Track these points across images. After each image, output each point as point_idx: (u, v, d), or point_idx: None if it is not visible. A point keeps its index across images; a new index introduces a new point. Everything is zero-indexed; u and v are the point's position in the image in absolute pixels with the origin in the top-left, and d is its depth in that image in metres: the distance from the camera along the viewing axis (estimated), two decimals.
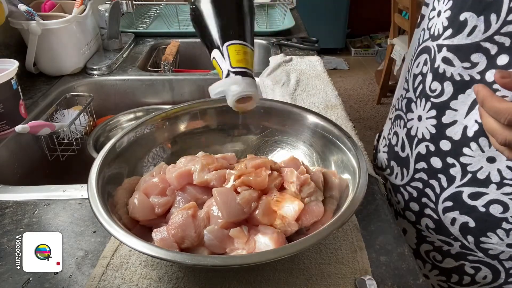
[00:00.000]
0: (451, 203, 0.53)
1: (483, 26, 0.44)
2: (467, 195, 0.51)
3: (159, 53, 1.18)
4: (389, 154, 0.64)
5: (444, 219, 0.55)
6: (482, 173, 0.49)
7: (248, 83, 0.45)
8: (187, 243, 0.42)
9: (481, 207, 0.51)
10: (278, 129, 0.59)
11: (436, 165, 0.53)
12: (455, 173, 0.51)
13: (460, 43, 0.47)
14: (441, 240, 0.57)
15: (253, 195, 0.45)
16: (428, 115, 0.53)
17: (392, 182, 0.63)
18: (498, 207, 0.49)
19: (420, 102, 0.54)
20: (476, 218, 0.52)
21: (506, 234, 0.50)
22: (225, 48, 0.45)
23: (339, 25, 3.42)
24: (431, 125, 0.52)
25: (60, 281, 0.44)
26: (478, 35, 0.45)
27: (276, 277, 0.45)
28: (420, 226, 0.59)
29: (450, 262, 0.57)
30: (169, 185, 0.48)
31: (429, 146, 0.54)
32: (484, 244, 0.52)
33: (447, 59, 0.48)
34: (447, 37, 0.48)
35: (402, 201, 0.61)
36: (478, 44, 0.45)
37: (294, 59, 1.01)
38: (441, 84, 0.50)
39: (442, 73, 0.49)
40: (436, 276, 0.61)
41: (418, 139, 0.55)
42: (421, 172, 0.56)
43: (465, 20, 0.46)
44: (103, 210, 0.40)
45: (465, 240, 0.54)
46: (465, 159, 0.50)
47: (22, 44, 0.90)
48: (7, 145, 0.71)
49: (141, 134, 0.55)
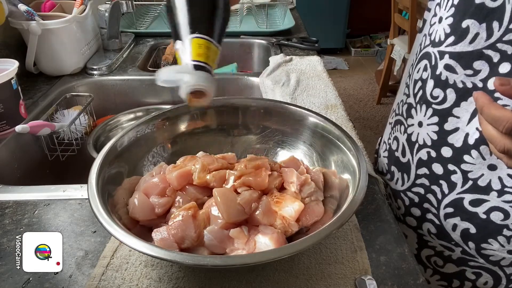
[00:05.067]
0: (452, 210, 0.53)
1: (485, 33, 0.44)
2: (468, 202, 0.51)
3: (159, 53, 1.18)
4: (389, 159, 0.64)
5: (445, 225, 0.55)
6: (483, 181, 0.49)
7: (205, 77, 0.43)
8: (187, 243, 0.42)
9: (482, 214, 0.50)
10: (278, 129, 0.59)
11: (438, 171, 0.53)
12: (456, 179, 0.51)
13: (462, 50, 0.46)
14: (443, 245, 0.57)
15: (254, 196, 0.45)
16: (429, 122, 0.52)
17: (393, 188, 0.63)
18: (499, 214, 0.49)
19: (420, 108, 0.54)
20: (477, 225, 0.51)
21: (507, 240, 0.50)
22: (189, 40, 0.44)
23: (339, 25, 3.42)
24: (433, 131, 0.52)
25: (60, 281, 0.44)
26: (481, 42, 0.44)
27: (276, 277, 0.45)
28: (421, 231, 0.59)
29: (451, 268, 0.57)
30: (169, 185, 0.48)
31: (431, 152, 0.53)
32: (485, 251, 0.52)
33: (450, 66, 0.48)
34: (449, 44, 0.48)
35: (403, 206, 0.61)
36: (480, 52, 0.45)
37: (294, 59, 1.01)
38: (444, 91, 0.49)
39: (445, 80, 0.49)
40: (437, 282, 0.61)
41: (419, 145, 0.55)
42: (422, 178, 0.56)
43: (467, 27, 0.45)
44: (103, 210, 0.40)
45: (466, 246, 0.54)
46: (466, 166, 0.50)
47: (22, 44, 0.90)
48: (7, 145, 0.71)
49: (141, 134, 0.55)
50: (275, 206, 0.45)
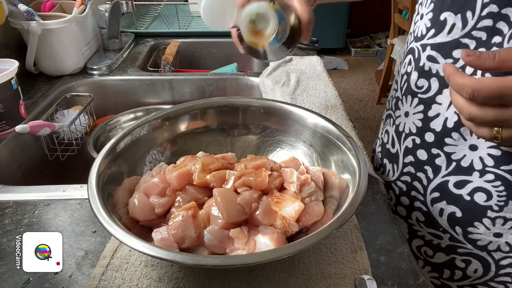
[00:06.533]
0: (438, 194, 0.55)
1: (461, 23, 0.47)
2: (452, 184, 0.53)
3: (159, 53, 1.18)
4: (382, 153, 0.66)
5: (433, 211, 0.56)
6: (465, 161, 0.51)
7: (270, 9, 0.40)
8: (187, 243, 0.42)
9: (466, 195, 0.52)
10: (278, 129, 0.59)
11: (422, 157, 0.55)
12: (440, 162, 0.53)
13: (442, 41, 0.50)
14: (431, 233, 0.58)
15: (254, 196, 0.45)
16: (415, 111, 0.55)
17: (385, 179, 0.64)
18: (482, 195, 0.51)
19: (406, 99, 0.57)
20: (462, 208, 0.53)
21: (492, 222, 0.51)
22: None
23: (339, 25, 3.42)
24: (418, 119, 0.55)
25: (60, 281, 0.44)
26: (457, 32, 0.47)
27: (276, 277, 0.45)
28: (411, 220, 0.60)
29: (441, 257, 0.58)
30: (169, 185, 0.48)
31: (415, 140, 0.56)
32: (472, 235, 0.54)
33: (432, 57, 0.51)
34: (430, 36, 0.51)
35: (394, 196, 0.63)
36: (458, 41, 0.48)
37: (294, 59, 1.01)
38: (428, 80, 0.52)
39: (428, 71, 0.52)
40: (429, 273, 0.62)
41: (405, 134, 0.58)
42: (409, 166, 0.58)
43: (445, 19, 0.48)
44: (103, 210, 0.40)
45: (453, 231, 0.55)
46: (449, 148, 0.52)
47: (22, 44, 0.90)
48: (7, 145, 0.71)
49: (141, 134, 0.55)
50: (275, 206, 0.45)
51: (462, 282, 0.58)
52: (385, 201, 0.57)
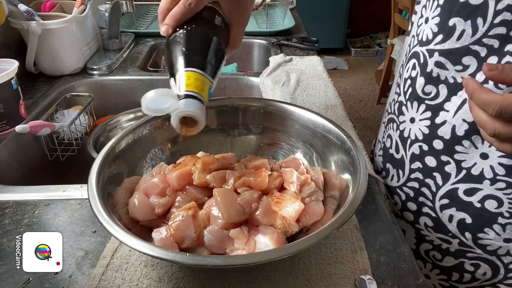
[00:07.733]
0: (448, 200, 0.54)
1: (471, 30, 0.46)
2: (462, 192, 0.52)
3: (159, 53, 1.18)
4: (384, 157, 0.65)
5: (442, 216, 0.55)
6: (476, 169, 0.50)
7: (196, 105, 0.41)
8: (187, 243, 0.42)
9: (476, 203, 0.51)
10: (278, 129, 0.59)
11: (431, 164, 0.54)
12: (450, 170, 0.52)
13: (451, 48, 0.48)
14: (440, 238, 0.57)
15: (254, 196, 0.45)
16: (422, 117, 0.54)
17: (388, 184, 0.63)
18: (493, 203, 0.50)
19: (411, 105, 0.56)
20: (472, 214, 0.52)
21: (503, 229, 0.51)
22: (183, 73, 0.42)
23: (339, 25, 3.42)
24: (425, 126, 0.54)
25: (60, 281, 0.44)
26: (467, 38, 0.46)
27: (276, 277, 0.45)
28: (418, 225, 0.59)
29: (450, 260, 0.58)
30: (169, 185, 0.48)
31: (423, 146, 0.55)
32: (481, 240, 0.53)
33: (440, 63, 0.50)
34: (438, 42, 0.50)
35: (399, 202, 0.62)
36: (467, 48, 0.46)
37: (294, 59, 1.01)
38: (436, 87, 0.51)
39: (436, 77, 0.51)
40: (437, 276, 0.61)
41: (411, 140, 0.56)
42: (416, 172, 0.57)
43: (454, 25, 0.47)
44: (103, 210, 0.40)
45: (463, 237, 0.54)
46: (459, 155, 0.51)
47: (22, 44, 0.90)
48: (7, 145, 0.71)
49: (141, 134, 0.55)
50: (275, 206, 0.45)
51: (471, 284, 0.58)
52: (385, 201, 0.57)
